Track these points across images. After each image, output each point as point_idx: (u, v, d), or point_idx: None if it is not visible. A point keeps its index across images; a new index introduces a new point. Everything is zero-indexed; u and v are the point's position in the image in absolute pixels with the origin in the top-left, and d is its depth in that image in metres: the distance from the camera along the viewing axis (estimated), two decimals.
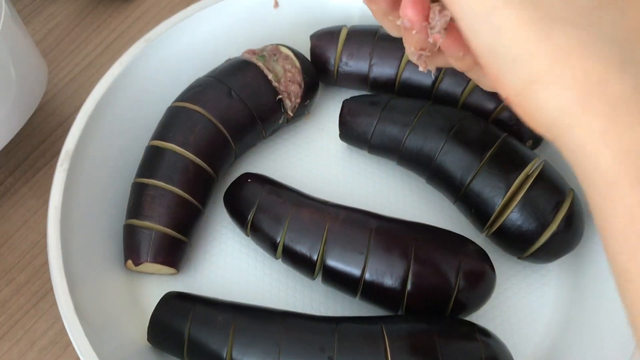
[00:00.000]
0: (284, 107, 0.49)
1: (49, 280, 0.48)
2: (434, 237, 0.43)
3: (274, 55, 0.50)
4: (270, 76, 0.48)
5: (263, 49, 0.51)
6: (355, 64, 0.53)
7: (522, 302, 0.47)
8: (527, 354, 0.44)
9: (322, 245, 0.43)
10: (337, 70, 0.54)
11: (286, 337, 0.40)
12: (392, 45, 0.52)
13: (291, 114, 0.50)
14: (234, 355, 0.40)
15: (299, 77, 0.50)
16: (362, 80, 0.53)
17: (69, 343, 0.46)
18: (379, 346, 0.38)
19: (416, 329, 0.40)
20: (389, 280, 0.42)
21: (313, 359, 0.38)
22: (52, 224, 0.43)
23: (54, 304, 0.47)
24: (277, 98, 0.49)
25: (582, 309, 0.45)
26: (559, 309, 0.46)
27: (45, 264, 0.49)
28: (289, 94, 0.49)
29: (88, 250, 0.45)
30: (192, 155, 0.46)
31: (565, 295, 0.46)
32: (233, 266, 0.48)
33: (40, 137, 0.55)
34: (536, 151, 0.50)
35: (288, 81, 0.49)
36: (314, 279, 0.46)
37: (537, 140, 0.50)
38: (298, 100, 0.50)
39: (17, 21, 0.46)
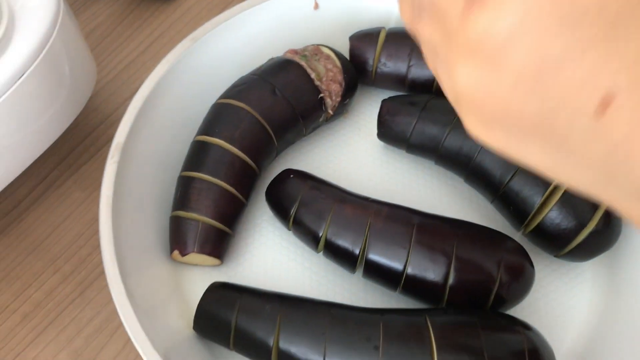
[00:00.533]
0: (324, 106, 0.51)
1: (94, 270, 0.50)
2: (474, 233, 0.44)
3: (316, 55, 0.51)
4: (312, 75, 0.50)
5: (305, 49, 0.52)
6: (394, 65, 0.54)
7: (558, 300, 0.48)
8: (564, 351, 0.45)
9: (365, 240, 0.44)
10: (376, 71, 0.55)
11: (332, 327, 0.41)
12: None
13: (331, 113, 0.51)
14: (281, 344, 0.41)
15: (339, 77, 0.51)
16: (400, 80, 0.54)
17: (115, 330, 0.47)
18: (424, 336, 0.39)
19: (459, 320, 0.41)
20: (432, 275, 0.43)
21: (359, 349, 0.39)
22: (104, 213, 0.44)
23: (99, 292, 0.49)
24: (319, 96, 0.50)
25: (618, 306, 0.46)
26: (594, 307, 0.47)
27: (90, 254, 0.50)
28: (330, 93, 0.50)
29: (136, 239, 0.46)
30: (238, 151, 0.48)
31: (601, 294, 0.47)
32: (274, 259, 0.49)
33: (85, 131, 0.56)
34: None
35: (329, 80, 0.50)
36: (354, 273, 0.47)
37: None
38: (338, 99, 0.51)
39: (72, 18, 0.48)
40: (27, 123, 0.44)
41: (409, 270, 0.43)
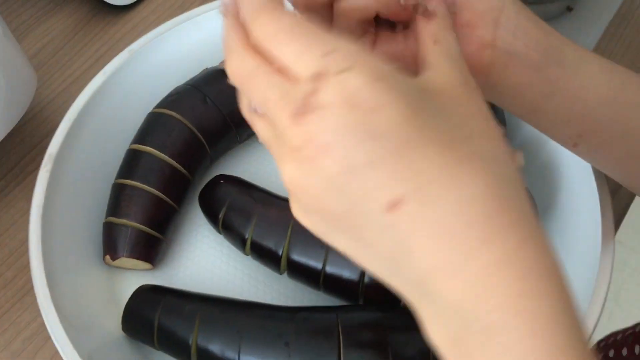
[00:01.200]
0: None
1: None
2: None
3: None
4: None
5: None
6: None
7: None
8: None
9: (287, 240, 0.46)
10: None
11: (248, 325, 0.42)
12: None
13: None
14: (199, 342, 0.42)
15: None
16: None
17: None
18: (333, 333, 0.41)
19: (368, 318, 0.42)
20: (347, 272, 0.44)
21: (271, 345, 0.41)
22: (33, 221, 0.46)
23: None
24: None
25: None
26: None
27: None
28: None
29: (69, 247, 0.48)
30: (168, 158, 0.49)
31: None
32: (207, 262, 0.51)
33: (31, 144, 0.58)
34: None
35: None
36: (281, 274, 0.48)
37: None
38: None
39: (7, 34, 0.50)
40: None
41: (328, 269, 0.45)
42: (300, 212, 0.26)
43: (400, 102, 0.23)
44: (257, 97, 0.25)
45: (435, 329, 0.25)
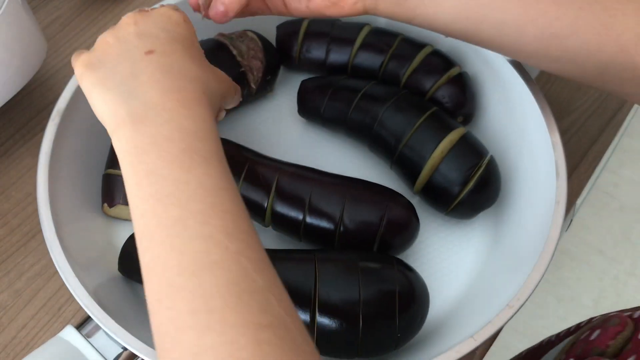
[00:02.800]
0: (247, 80, 0.57)
1: (38, 224, 0.56)
2: (367, 188, 0.51)
3: (241, 37, 0.58)
4: (234, 52, 0.56)
5: (232, 33, 0.59)
6: (315, 51, 0.61)
7: (447, 252, 0.54)
8: (449, 293, 0.51)
9: (272, 194, 0.51)
10: (299, 56, 0.61)
11: None
12: (346, 34, 0.60)
13: (254, 87, 0.58)
14: None
15: (260, 55, 0.57)
16: (320, 64, 0.61)
17: (52, 275, 0.53)
18: (310, 268, 0.45)
19: (341, 257, 0.47)
20: (326, 223, 0.49)
21: None
22: (41, 168, 0.50)
23: (41, 243, 0.55)
24: (240, 70, 0.56)
25: (498, 256, 0.52)
26: (479, 257, 0.53)
27: (35, 210, 0.56)
28: (251, 68, 0.57)
29: (72, 195, 0.52)
30: None
31: (485, 247, 0.54)
32: None
33: (38, 107, 0.63)
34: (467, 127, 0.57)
35: (251, 57, 0.57)
36: (266, 226, 0.53)
37: (467, 117, 0.57)
38: (260, 75, 0.58)
39: (25, 5, 0.55)
40: None
41: (307, 220, 0.49)
42: (80, 59, 0.40)
43: (188, 30, 0.43)
44: None
45: (123, 125, 0.36)
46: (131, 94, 0.37)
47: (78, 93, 0.54)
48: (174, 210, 0.33)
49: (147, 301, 0.32)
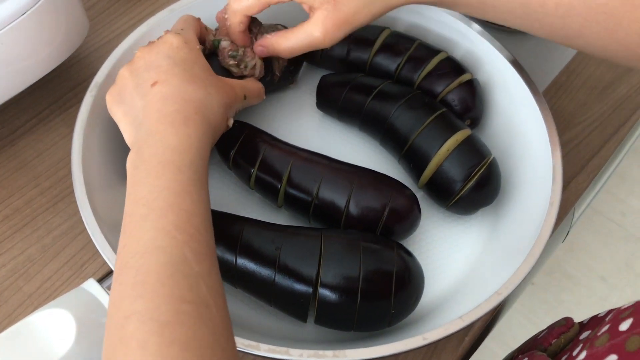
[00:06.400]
0: (272, 67, 0.61)
1: (67, 187, 0.60)
2: (374, 177, 0.54)
3: (271, 28, 0.62)
4: None
5: (265, 25, 0.63)
6: (337, 49, 0.65)
7: (444, 244, 0.57)
8: (444, 280, 0.55)
9: (286, 176, 0.54)
10: (322, 53, 0.65)
11: (245, 233, 0.50)
12: (367, 35, 0.64)
13: (278, 74, 0.62)
14: None
15: None
16: (341, 61, 0.65)
17: (77, 235, 0.58)
18: (316, 244, 0.49)
19: (347, 234, 0.50)
20: (334, 206, 0.53)
21: (264, 248, 0.49)
22: (77, 135, 0.54)
23: (69, 205, 0.59)
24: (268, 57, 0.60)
25: (493, 249, 0.55)
26: (475, 249, 0.57)
27: (66, 175, 0.61)
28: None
29: (103, 162, 0.56)
30: None
31: (482, 240, 0.57)
32: (215, 191, 0.59)
33: (75, 82, 0.67)
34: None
35: None
36: (279, 206, 0.57)
37: (474, 120, 0.61)
38: (285, 63, 0.61)
39: None
40: (32, 51, 0.57)
41: (316, 202, 0.53)
42: (109, 94, 0.50)
43: (191, 52, 0.50)
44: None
45: (130, 137, 0.47)
46: (140, 125, 0.46)
47: (114, 69, 0.58)
48: (142, 209, 0.40)
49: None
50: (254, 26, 0.59)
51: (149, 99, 0.46)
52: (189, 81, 0.48)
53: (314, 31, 0.52)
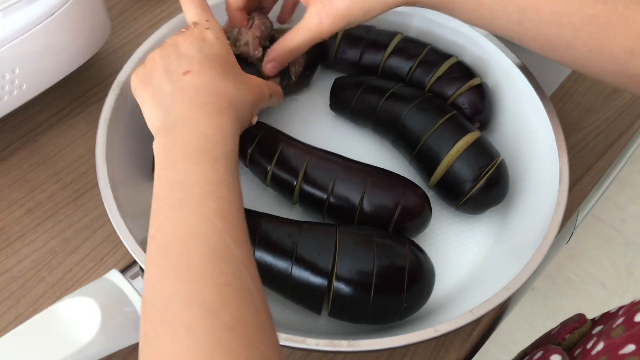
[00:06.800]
0: (288, 72, 0.63)
1: (88, 182, 0.62)
2: (387, 176, 0.56)
3: (281, 32, 0.64)
4: None
5: (282, 28, 0.65)
6: (350, 52, 0.67)
7: (454, 243, 0.59)
8: (453, 276, 0.57)
9: (302, 173, 0.56)
10: (336, 55, 0.68)
11: (263, 227, 0.52)
12: (380, 39, 0.66)
13: (294, 79, 0.64)
14: None
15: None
16: (354, 65, 0.67)
17: (98, 228, 0.60)
18: (332, 238, 0.51)
19: (361, 230, 0.52)
20: (347, 204, 0.55)
21: (281, 241, 0.51)
22: (100, 132, 0.56)
23: (90, 199, 0.61)
24: None
25: (500, 249, 0.57)
26: (483, 249, 0.58)
27: (87, 171, 0.63)
28: (294, 62, 0.63)
29: (125, 157, 0.58)
30: None
31: (490, 240, 0.59)
32: None
33: (96, 81, 0.69)
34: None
35: None
36: (294, 203, 0.59)
37: (483, 123, 0.63)
38: (301, 69, 0.64)
39: None
40: (58, 50, 0.59)
41: (331, 199, 0.55)
42: (135, 73, 0.51)
43: (222, 47, 0.52)
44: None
45: (160, 131, 0.46)
46: (168, 109, 0.46)
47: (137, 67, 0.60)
48: (179, 194, 0.40)
49: (144, 265, 0.40)
50: (259, 16, 0.61)
51: (180, 86, 0.47)
52: (222, 76, 0.49)
53: (310, 24, 0.55)
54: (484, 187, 0.56)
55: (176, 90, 0.47)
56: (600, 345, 0.40)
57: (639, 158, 1.80)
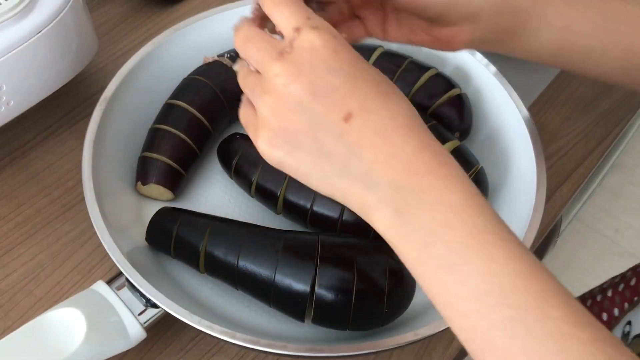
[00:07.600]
0: None
1: (76, 197, 0.63)
2: None
3: None
4: None
5: None
6: None
7: None
8: None
9: (285, 184, 0.57)
10: None
11: (247, 237, 0.53)
12: (361, 52, 0.67)
13: None
14: (208, 248, 0.53)
15: None
16: None
17: (86, 241, 0.61)
18: (313, 248, 0.52)
19: (342, 238, 0.53)
20: (330, 212, 0.56)
21: (264, 251, 0.52)
22: (87, 145, 0.57)
23: (77, 213, 0.62)
24: None
25: None
26: None
27: (75, 185, 0.64)
28: None
29: (111, 171, 0.59)
30: (195, 111, 0.61)
31: None
32: (218, 201, 0.62)
33: (84, 97, 0.71)
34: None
35: None
36: (278, 214, 0.60)
37: (463, 132, 0.64)
38: None
39: (85, 5, 0.63)
40: (45, 68, 0.60)
41: (314, 208, 0.56)
42: (266, 143, 0.35)
43: (351, 52, 0.34)
44: (253, 52, 0.36)
45: (381, 214, 0.34)
46: (366, 179, 0.34)
47: (122, 85, 0.62)
48: (505, 311, 0.30)
49: None
50: None
51: (354, 139, 0.33)
52: (382, 95, 0.34)
53: None
54: None
55: (353, 147, 0.33)
56: None
57: (631, 169, 1.82)
